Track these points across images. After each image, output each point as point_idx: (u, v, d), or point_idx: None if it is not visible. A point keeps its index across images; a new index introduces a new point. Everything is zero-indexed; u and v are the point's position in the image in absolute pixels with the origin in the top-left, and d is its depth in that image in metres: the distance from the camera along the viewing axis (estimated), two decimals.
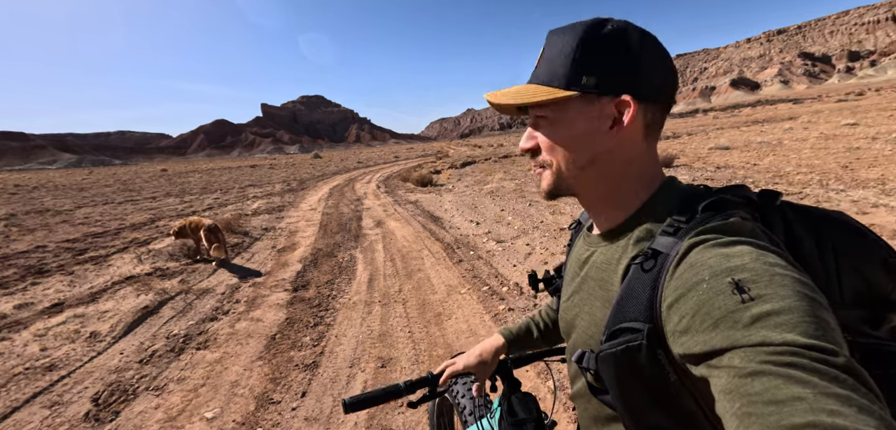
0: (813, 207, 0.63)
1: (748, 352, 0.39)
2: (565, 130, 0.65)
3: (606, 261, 0.65)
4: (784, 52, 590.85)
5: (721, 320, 0.43)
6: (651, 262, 0.54)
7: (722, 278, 0.45)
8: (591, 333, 0.65)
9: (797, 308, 0.40)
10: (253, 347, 3.64)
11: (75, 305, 4.76)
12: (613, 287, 0.62)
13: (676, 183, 0.66)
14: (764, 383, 0.37)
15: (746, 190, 0.61)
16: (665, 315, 0.50)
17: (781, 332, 0.39)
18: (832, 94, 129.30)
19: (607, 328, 0.57)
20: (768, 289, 0.42)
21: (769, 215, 0.61)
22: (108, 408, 2.86)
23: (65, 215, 12.23)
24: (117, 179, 31.80)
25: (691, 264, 0.49)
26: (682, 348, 0.46)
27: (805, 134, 17.47)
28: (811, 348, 0.37)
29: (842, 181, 7.74)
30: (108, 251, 7.23)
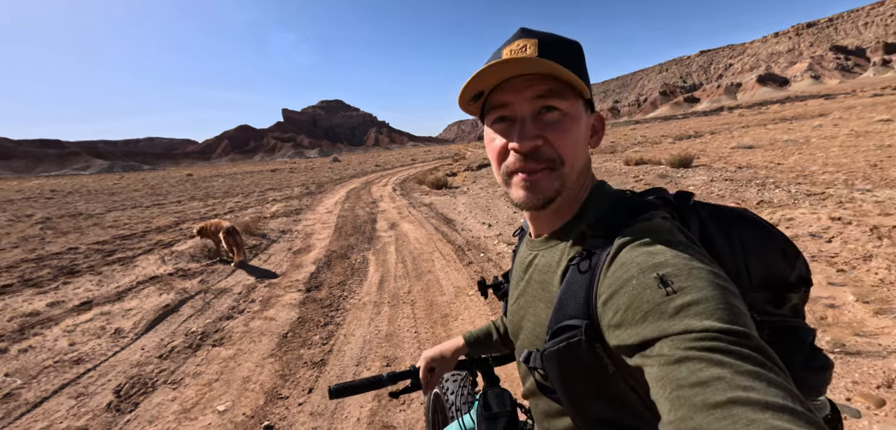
0: (721, 206, 0.69)
1: (675, 340, 0.43)
2: (579, 128, 0.65)
3: (547, 264, 0.69)
4: (814, 45, 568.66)
5: (649, 312, 0.47)
6: (586, 263, 0.59)
7: (648, 273, 0.50)
8: (536, 333, 0.68)
9: (713, 297, 0.45)
10: (265, 344, 3.77)
11: (102, 303, 5.02)
12: (554, 288, 0.65)
13: (606, 188, 0.71)
14: (689, 367, 0.40)
15: (665, 192, 0.66)
16: (601, 311, 0.54)
17: (701, 319, 0.43)
18: (867, 88, 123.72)
19: (550, 327, 0.61)
20: (688, 281, 0.47)
21: (686, 213, 0.67)
22: (128, 399, 3.03)
23: (96, 218, 12.81)
24: (146, 184, 33.05)
25: (621, 263, 0.54)
26: (617, 341, 0.51)
27: (835, 131, 16.80)
28: (727, 333, 0.42)
29: (870, 181, 7.43)
30: (134, 253, 7.56)
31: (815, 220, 5.29)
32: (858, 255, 4.09)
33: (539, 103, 0.63)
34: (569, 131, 0.63)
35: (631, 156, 15.09)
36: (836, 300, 3.34)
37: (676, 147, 18.35)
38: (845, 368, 2.56)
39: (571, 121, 0.63)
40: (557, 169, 0.64)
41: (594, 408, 0.61)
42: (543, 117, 0.63)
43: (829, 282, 3.65)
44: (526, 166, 0.64)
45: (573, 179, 0.66)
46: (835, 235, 4.70)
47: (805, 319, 0.69)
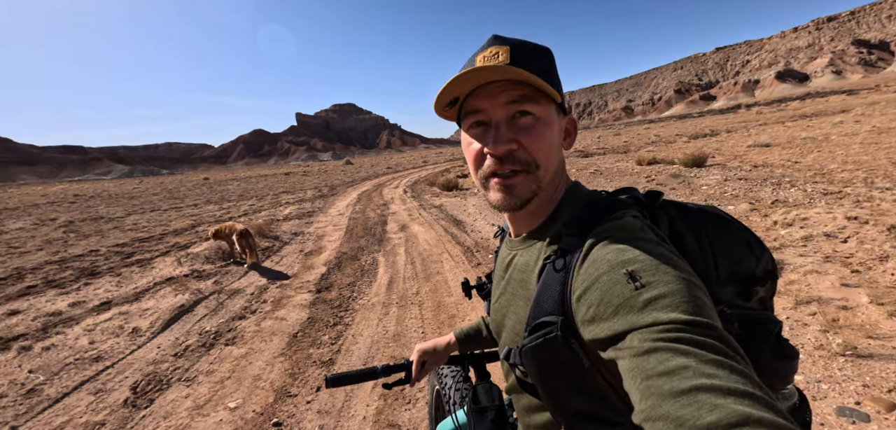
0: (689, 204, 0.71)
1: (643, 332, 0.45)
2: (552, 132, 0.67)
3: (526, 263, 0.72)
4: (835, 40, 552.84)
5: (620, 306, 0.49)
6: (561, 261, 0.61)
7: (618, 269, 0.52)
8: (517, 330, 0.70)
9: (679, 291, 0.48)
10: (276, 344, 3.86)
11: (121, 303, 5.18)
12: (532, 286, 0.67)
13: (581, 188, 0.74)
14: (657, 357, 0.42)
15: (636, 192, 0.69)
16: (575, 307, 0.57)
17: (668, 312, 0.46)
18: (891, 83, 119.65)
19: (528, 324, 0.63)
20: (655, 276, 0.50)
21: (655, 212, 0.69)
22: (144, 396, 3.13)
23: (116, 221, 13.19)
24: (164, 188, 33.86)
25: (593, 260, 0.57)
26: (591, 335, 0.53)
27: (856, 128, 16.35)
28: (692, 324, 0.44)
29: (890, 179, 7.23)
30: (152, 255, 7.77)
31: (830, 219, 5.18)
32: (874, 255, 4.00)
33: (513, 108, 0.65)
34: (542, 135, 0.65)
35: (643, 156, 14.91)
36: (849, 302, 3.27)
37: (691, 146, 18.07)
38: (856, 371, 2.52)
39: (544, 125, 0.66)
40: (532, 172, 0.66)
41: (572, 402, 0.63)
42: (517, 122, 0.65)
43: (843, 283, 3.58)
44: (502, 169, 0.66)
45: (548, 180, 0.68)
46: (851, 235, 4.60)
47: (773, 310, 0.72)
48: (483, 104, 0.66)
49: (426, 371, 1.21)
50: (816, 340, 2.87)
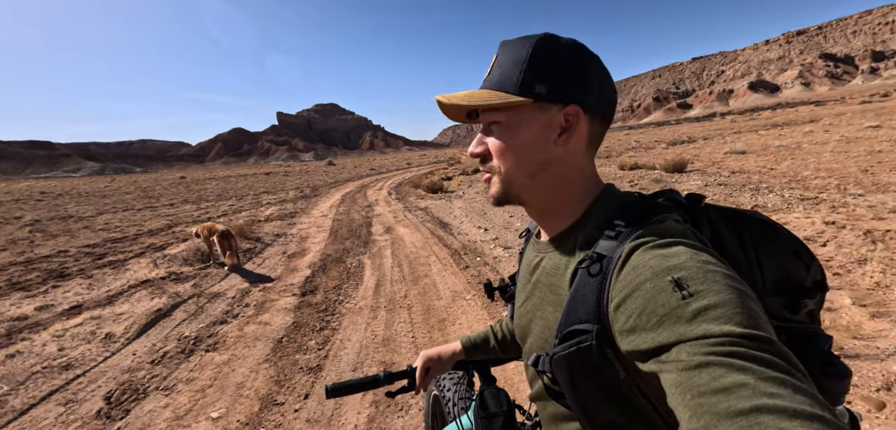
0: (731, 208, 0.68)
1: (693, 345, 0.42)
2: (517, 137, 0.66)
3: (555, 267, 0.68)
4: (804, 53, 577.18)
5: (665, 317, 0.45)
6: (596, 266, 0.57)
7: (663, 277, 0.48)
8: (545, 336, 0.67)
9: (731, 301, 0.44)
10: (260, 350, 3.72)
11: (93, 307, 4.93)
12: (563, 291, 0.64)
13: (615, 190, 0.70)
14: (710, 373, 0.39)
15: (676, 194, 0.65)
16: (612, 316, 0.53)
17: (720, 324, 0.42)
18: (856, 95, 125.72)
19: (559, 331, 0.60)
20: (704, 285, 0.46)
21: (696, 216, 0.66)
22: (119, 406, 2.96)
23: (86, 221, 12.64)
24: (138, 187, 32.74)
25: (634, 266, 0.52)
26: (630, 346, 0.49)
27: (825, 137, 17.02)
28: (747, 337, 0.40)
29: (861, 185, 7.52)
30: (125, 256, 7.45)
31: (809, 224, 5.33)
32: (853, 258, 4.12)
33: (486, 117, 0.69)
34: (501, 140, 0.67)
35: (625, 161, 15.17)
36: (833, 304, 3.35)
37: (670, 152, 18.49)
38: None
39: (506, 129, 0.67)
40: (497, 173, 0.69)
41: (604, 414, 0.59)
42: (490, 128, 0.70)
43: None
44: (483, 169, 0.72)
45: (518, 182, 0.68)
46: (829, 239, 4.73)
47: (820, 325, 0.68)
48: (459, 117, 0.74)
49: (430, 379, 1.17)
50: None
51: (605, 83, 0.66)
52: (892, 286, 3.47)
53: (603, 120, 0.68)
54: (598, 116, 0.67)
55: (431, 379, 1.18)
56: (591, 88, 0.64)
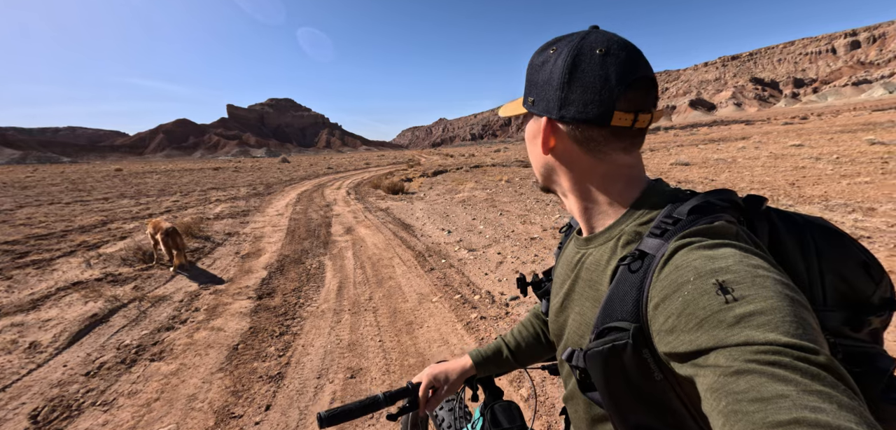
0: (795, 213, 0.65)
1: (733, 351, 0.40)
2: (528, 140, 0.74)
3: (596, 262, 0.66)
4: (737, 76, 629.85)
5: (706, 319, 0.44)
6: (638, 263, 0.55)
7: (706, 279, 0.46)
8: (581, 332, 0.66)
9: (779, 308, 0.41)
10: (213, 358, 3.45)
11: (13, 312, 4.38)
12: (602, 288, 0.62)
13: (663, 185, 0.67)
14: (749, 381, 0.37)
15: (732, 194, 0.62)
16: (651, 315, 0.51)
17: (764, 331, 0.40)
18: (780, 117, 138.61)
19: (596, 327, 0.58)
20: (751, 290, 0.43)
21: (755, 219, 0.62)
22: (48, 425, 2.63)
23: (4, 214, 11.30)
24: (65, 178, 29.79)
25: (677, 266, 0.50)
26: (668, 348, 0.47)
27: (757, 153, 18.60)
28: (793, 347, 0.38)
29: (790, 197, 8.27)
30: (52, 255, 6.71)
31: None
32: None
33: None
34: (527, 146, 0.75)
35: None
36: None
37: None
38: None
39: (527, 138, 0.74)
40: None
41: (637, 414, 0.57)
42: None
43: None
44: None
45: (540, 176, 0.75)
46: None
47: (883, 345, 0.63)
48: None
49: (437, 400, 1.06)
50: None
51: (585, 89, 0.61)
52: None
53: (593, 124, 0.62)
54: (583, 123, 0.62)
55: (439, 400, 1.07)
56: (564, 96, 0.63)
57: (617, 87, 0.60)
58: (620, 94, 0.60)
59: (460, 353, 3.29)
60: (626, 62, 0.60)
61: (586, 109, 0.62)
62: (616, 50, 0.61)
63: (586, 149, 0.65)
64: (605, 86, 0.60)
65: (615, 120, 0.60)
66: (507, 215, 8.87)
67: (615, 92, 0.60)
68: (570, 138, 0.65)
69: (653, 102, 0.64)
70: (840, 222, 5.84)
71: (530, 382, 1.80)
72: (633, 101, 0.61)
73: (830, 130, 33.03)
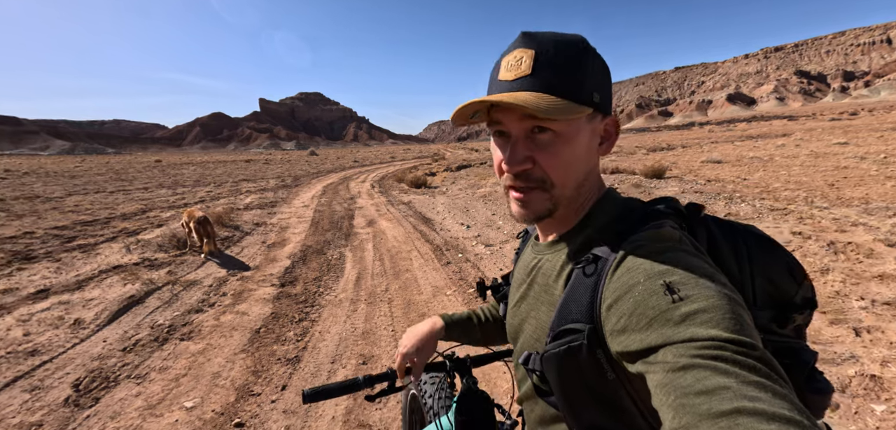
0: (730, 221, 0.70)
1: (679, 347, 0.43)
2: (573, 148, 0.63)
3: (552, 267, 0.69)
4: (780, 69, 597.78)
5: (654, 318, 0.47)
6: (592, 267, 0.59)
7: (655, 280, 0.50)
8: (537, 336, 0.68)
9: (719, 306, 0.45)
10: (237, 339, 3.67)
11: (61, 291, 4.76)
12: (558, 292, 0.65)
13: (615, 194, 0.71)
14: (694, 375, 0.40)
15: (676, 202, 0.66)
16: (604, 316, 0.54)
17: (707, 328, 0.43)
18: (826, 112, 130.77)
19: (552, 330, 0.61)
20: (695, 290, 0.47)
21: (695, 225, 0.67)
22: (88, 394, 2.88)
23: (55, 201, 12.15)
24: (110, 169, 31.57)
25: (628, 269, 0.54)
26: (620, 347, 0.50)
27: (796, 151, 17.70)
28: (733, 342, 0.42)
29: (827, 199, 7.87)
30: (96, 240, 7.20)
31: (777, 234, 5.55)
32: (816, 268, 4.32)
33: (529, 124, 0.62)
34: (559, 154, 0.62)
35: (606, 164, 15.47)
36: None
37: (650, 158, 18.92)
38: None
39: (563, 142, 0.62)
40: (548, 189, 0.64)
41: (591, 414, 0.60)
42: (535, 137, 0.63)
43: None
44: (517, 185, 0.65)
45: (567, 195, 0.66)
46: (795, 248, 4.95)
47: (806, 341, 0.69)
48: (501, 117, 0.64)
49: (415, 374, 1.07)
50: None
51: (608, 82, 0.68)
52: (850, 295, 3.66)
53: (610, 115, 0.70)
54: (608, 116, 0.69)
55: (417, 374, 1.07)
56: (609, 93, 0.67)
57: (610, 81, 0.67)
58: None
59: None
60: None
61: (609, 103, 0.67)
62: None
63: (602, 149, 0.70)
64: (610, 79, 0.67)
65: None
66: None
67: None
68: None
69: None
70: (877, 226, 5.55)
71: (512, 375, 1.86)
72: None
73: (881, 127, 30.97)
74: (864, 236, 5.19)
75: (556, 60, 0.60)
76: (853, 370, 2.66)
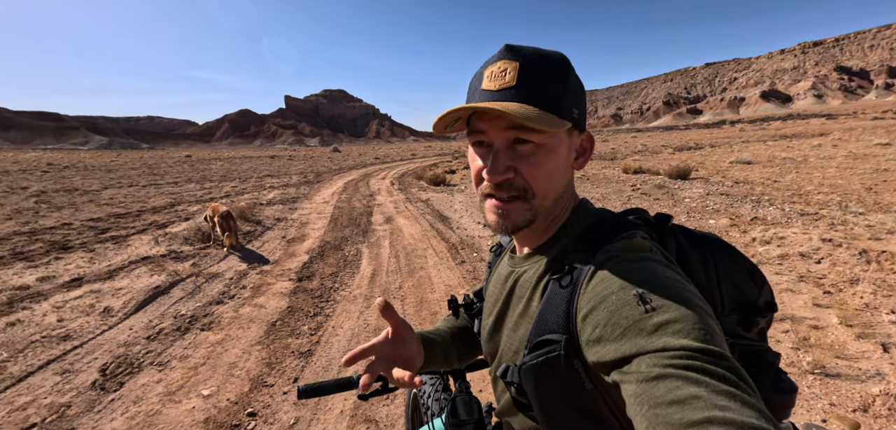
0: (695, 231, 0.71)
1: (652, 357, 0.44)
2: (555, 159, 0.64)
3: (528, 279, 0.69)
4: (819, 65, 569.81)
5: (628, 329, 0.48)
6: (567, 278, 0.60)
7: (628, 290, 0.51)
8: (515, 348, 0.68)
9: (690, 317, 0.46)
10: (254, 331, 3.79)
11: (93, 280, 5.02)
12: (534, 304, 0.65)
13: (588, 205, 0.72)
14: (667, 384, 0.41)
15: (645, 213, 0.67)
16: (580, 326, 0.55)
17: (679, 338, 0.44)
18: (869, 110, 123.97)
19: (529, 342, 0.61)
20: (667, 300, 0.48)
21: (664, 235, 0.69)
22: (113, 379, 3.04)
23: (91, 194, 12.77)
24: (143, 163, 32.93)
25: (602, 279, 0.55)
26: (596, 357, 0.51)
27: (833, 152, 16.88)
28: (703, 352, 0.43)
29: (863, 204, 7.49)
30: (128, 232, 7.55)
31: (806, 240, 5.33)
32: (846, 278, 4.13)
33: (512, 134, 0.62)
34: (541, 164, 0.63)
35: (630, 164, 15.13)
36: (820, 322, 3.37)
37: (675, 158, 18.40)
38: (824, 389, 2.60)
39: (545, 153, 0.62)
40: (529, 199, 0.64)
41: (568, 425, 0.61)
42: (517, 148, 0.63)
43: (815, 303, 3.69)
44: (497, 194, 0.65)
45: (546, 206, 0.66)
46: (824, 256, 4.74)
47: (768, 343, 0.72)
48: (483, 127, 0.65)
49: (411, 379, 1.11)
50: (788, 357, 2.95)
51: (583, 98, 0.69)
52: (880, 308, 3.48)
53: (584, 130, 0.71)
54: (582, 131, 0.70)
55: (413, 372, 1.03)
56: (585, 109, 0.68)
57: None
58: None
59: None
60: None
61: (584, 118, 0.68)
62: None
63: (578, 163, 0.71)
64: (585, 98, 0.68)
65: None
66: None
67: None
68: None
69: None
70: None
71: None
72: None
73: None
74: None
75: (539, 74, 0.61)
76: (878, 389, 2.54)
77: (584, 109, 0.66)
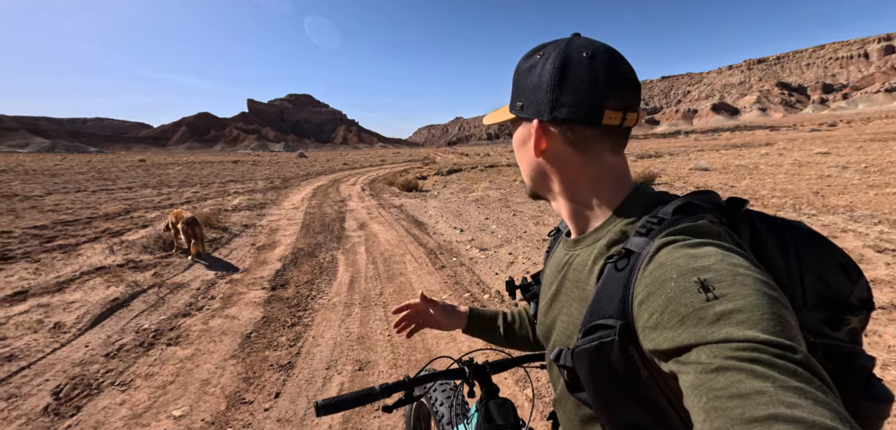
0: (775, 216, 0.66)
1: (713, 348, 0.41)
2: (516, 146, 0.76)
3: (583, 263, 0.67)
4: (763, 80, 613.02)
5: (687, 317, 0.44)
6: (624, 261, 0.56)
7: (689, 277, 0.47)
8: (569, 332, 0.66)
9: (758, 306, 0.42)
10: (227, 345, 3.54)
11: (40, 294, 4.56)
12: (589, 287, 0.63)
13: (647, 188, 0.68)
14: (728, 377, 0.38)
15: (715, 196, 0.63)
16: (636, 312, 0.51)
17: (743, 329, 0.41)
18: (806, 123, 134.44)
19: (583, 326, 0.58)
20: (731, 288, 0.44)
21: (736, 220, 0.64)
22: (69, 402, 2.74)
23: (33, 200, 11.76)
24: (92, 167, 30.80)
25: (661, 264, 0.51)
26: (652, 344, 0.48)
27: (780, 160, 18.09)
28: (771, 344, 0.39)
29: (813, 206, 8.02)
30: (77, 240, 6.96)
31: None
32: None
33: None
34: (516, 152, 0.77)
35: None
36: None
37: (639, 165, 19.13)
38: None
39: (514, 143, 0.76)
40: None
41: (624, 412, 0.58)
42: None
43: None
44: None
45: (528, 181, 0.77)
46: None
47: (863, 345, 0.64)
48: None
49: (431, 319, 1.17)
50: None
51: (576, 89, 0.63)
52: None
53: (586, 124, 0.64)
54: (577, 123, 0.64)
55: (432, 320, 1.17)
56: (555, 98, 0.64)
57: (605, 86, 0.62)
58: (609, 92, 0.62)
59: (468, 350, 3.31)
60: (611, 63, 0.63)
61: (578, 109, 0.63)
62: (601, 53, 0.63)
63: (577, 149, 0.66)
64: (594, 85, 0.62)
65: (606, 119, 0.63)
66: (520, 216, 8.83)
67: (604, 91, 0.62)
68: (562, 140, 0.66)
69: (638, 102, 0.66)
70: (865, 233, 5.65)
71: (531, 380, 1.82)
72: (621, 99, 0.63)
73: (860, 137, 31.89)
74: (854, 242, 5.28)
75: (515, 77, 0.73)
76: None
77: (531, 98, 0.68)
